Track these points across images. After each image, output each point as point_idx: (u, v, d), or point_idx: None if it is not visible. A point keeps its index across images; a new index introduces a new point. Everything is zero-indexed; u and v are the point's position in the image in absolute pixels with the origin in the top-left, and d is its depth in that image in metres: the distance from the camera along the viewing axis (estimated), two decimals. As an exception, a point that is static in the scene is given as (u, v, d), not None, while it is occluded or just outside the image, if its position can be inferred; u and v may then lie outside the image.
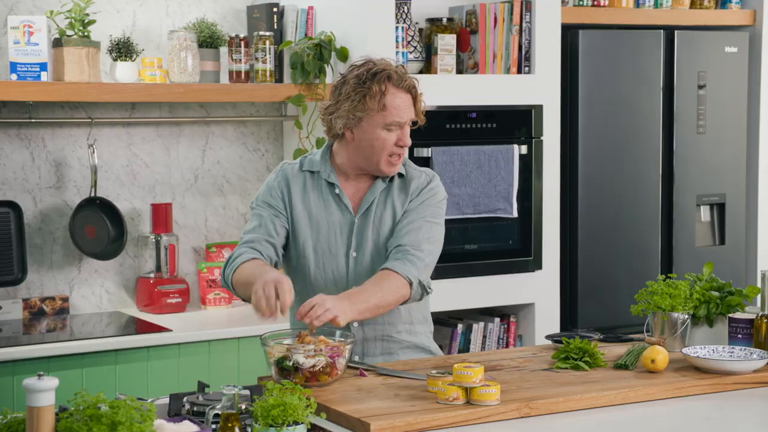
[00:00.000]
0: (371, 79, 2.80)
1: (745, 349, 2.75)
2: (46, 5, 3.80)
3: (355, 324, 2.86)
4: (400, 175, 2.92)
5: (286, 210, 2.90)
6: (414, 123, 2.87)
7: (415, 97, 2.84)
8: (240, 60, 3.92)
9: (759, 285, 2.85)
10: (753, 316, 2.82)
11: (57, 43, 3.64)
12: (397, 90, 2.80)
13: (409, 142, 2.84)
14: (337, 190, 2.89)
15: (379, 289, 2.71)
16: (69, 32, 3.66)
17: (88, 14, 3.69)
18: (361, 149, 2.85)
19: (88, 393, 1.94)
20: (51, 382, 1.92)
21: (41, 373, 1.94)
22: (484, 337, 4.18)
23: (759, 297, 2.85)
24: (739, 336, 2.82)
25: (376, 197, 2.89)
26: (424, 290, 2.82)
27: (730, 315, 2.87)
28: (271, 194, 2.91)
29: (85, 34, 3.67)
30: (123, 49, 3.79)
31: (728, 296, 2.93)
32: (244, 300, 2.80)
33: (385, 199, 2.91)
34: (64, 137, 3.91)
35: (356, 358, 2.86)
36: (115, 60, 3.80)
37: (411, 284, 2.76)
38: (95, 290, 3.97)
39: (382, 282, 2.73)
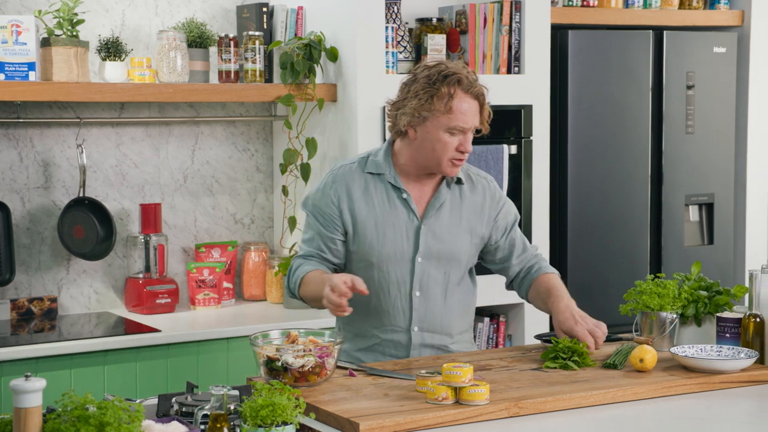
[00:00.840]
0: (441, 81, 2.80)
1: (732, 348, 2.76)
2: (34, 5, 3.79)
3: (416, 328, 2.91)
4: (459, 180, 2.94)
5: (341, 217, 2.89)
6: (478, 131, 2.88)
7: (482, 105, 2.83)
8: (229, 60, 3.92)
9: (747, 284, 2.86)
10: (741, 316, 2.83)
11: (45, 43, 3.63)
12: (465, 95, 2.80)
13: (470, 148, 2.84)
14: (404, 195, 2.89)
15: (565, 291, 2.97)
16: (57, 32, 3.66)
17: (76, 14, 3.69)
18: (423, 149, 2.85)
19: (75, 394, 1.94)
20: (38, 383, 1.91)
21: (28, 374, 1.93)
22: (474, 337, 4.17)
23: (747, 296, 2.86)
24: (727, 335, 2.83)
25: (442, 203, 2.91)
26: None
27: (718, 314, 2.88)
28: (326, 202, 2.90)
29: (74, 33, 3.66)
30: (112, 49, 3.78)
31: (716, 296, 2.94)
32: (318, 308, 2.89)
33: (459, 208, 2.93)
34: (52, 137, 3.90)
35: None
36: (104, 60, 3.79)
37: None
38: (84, 291, 3.96)
39: (561, 286, 2.98)
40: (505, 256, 3.01)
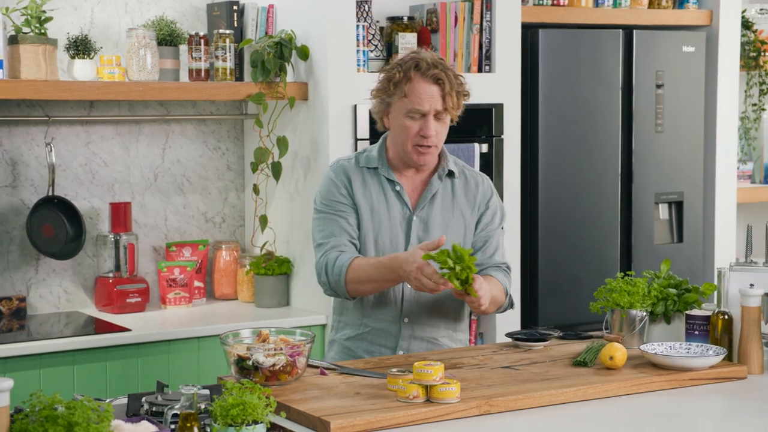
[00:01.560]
0: (399, 66, 2.86)
1: (701, 345, 2.78)
2: (1, 2, 3.76)
3: (406, 319, 2.91)
4: (451, 173, 2.95)
5: (354, 204, 2.92)
6: (456, 124, 2.91)
7: (444, 89, 2.83)
8: (200, 58, 3.90)
9: (715, 282, 2.88)
10: (709, 313, 2.85)
11: (13, 41, 3.59)
12: (421, 78, 2.82)
13: (431, 133, 2.84)
14: (397, 187, 2.92)
15: (493, 288, 2.84)
16: (25, 29, 3.62)
17: (44, 11, 3.66)
18: (394, 137, 2.91)
19: (44, 394, 1.92)
20: (5, 383, 1.90)
21: (-4, 373, 1.92)
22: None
23: (715, 294, 2.88)
24: (696, 332, 2.85)
25: (433, 195, 2.93)
26: (511, 304, 2.99)
27: (687, 312, 2.90)
28: (337, 190, 2.92)
29: (42, 31, 3.63)
30: (81, 47, 3.75)
31: (685, 293, 2.96)
32: (359, 295, 2.88)
33: (451, 201, 2.95)
34: (20, 136, 3.87)
35: (400, 353, 2.91)
36: (72, 58, 3.76)
37: (508, 296, 2.95)
38: (53, 290, 3.93)
39: (492, 284, 2.85)
40: (476, 249, 2.98)
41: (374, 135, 3.64)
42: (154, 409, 2.29)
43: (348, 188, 2.92)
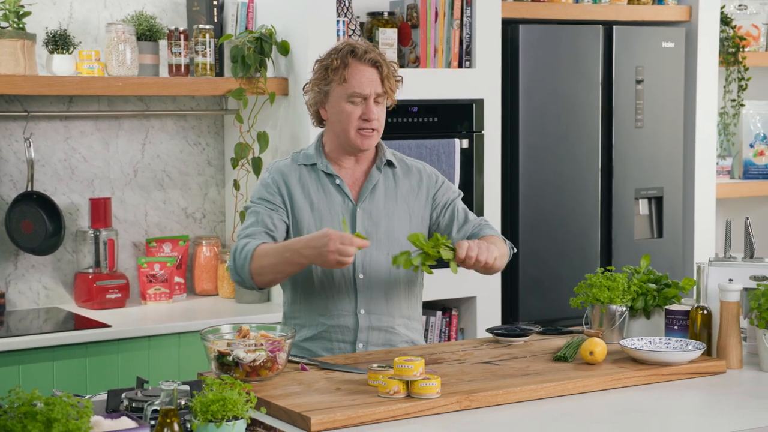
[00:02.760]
0: (335, 55, 2.88)
1: (681, 340, 2.79)
2: (-20, -4, 3.74)
3: (362, 311, 2.90)
4: (390, 163, 2.96)
5: (285, 204, 2.91)
6: (389, 106, 2.93)
7: (381, 73, 2.87)
8: (180, 53, 3.89)
9: (695, 277, 2.90)
10: (689, 308, 2.87)
11: (-9, 35, 3.57)
12: (359, 63, 2.86)
13: (374, 116, 2.86)
14: (337, 181, 2.92)
15: (495, 246, 2.83)
16: (3, 24, 3.60)
17: (23, 6, 3.63)
18: (334, 125, 2.90)
19: (23, 390, 1.91)
20: (-16, 379, 1.89)
21: (-26, 370, 1.91)
22: (426, 330, 4.19)
23: (695, 289, 2.90)
24: (676, 327, 2.87)
25: (374, 185, 2.94)
26: (512, 249, 3.02)
27: (666, 307, 2.91)
28: (267, 191, 2.92)
29: (20, 26, 3.61)
30: (59, 42, 3.73)
31: (665, 288, 2.97)
32: (265, 285, 2.84)
33: (394, 190, 2.95)
34: (-1, 131, 3.85)
35: (360, 346, 2.91)
36: (51, 53, 3.74)
37: (507, 243, 2.98)
38: (32, 286, 3.91)
39: (495, 242, 2.89)
40: (446, 226, 2.99)
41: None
42: (134, 405, 2.28)
43: (282, 188, 2.91)
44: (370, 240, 2.80)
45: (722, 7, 5.09)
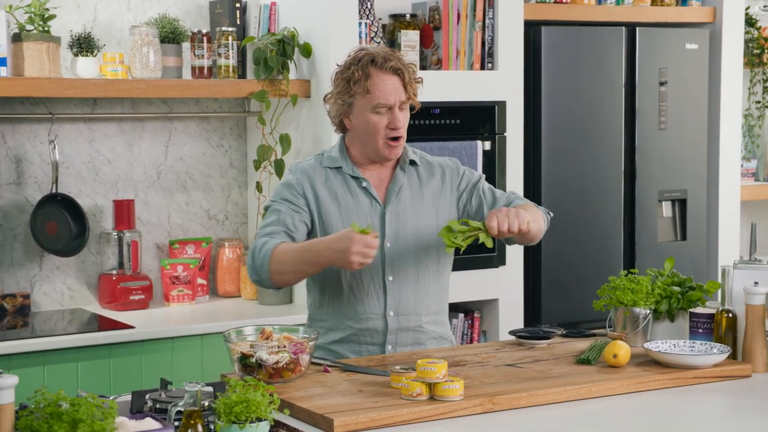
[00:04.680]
0: (356, 65, 2.85)
1: (705, 343, 2.77)
2: (5, 0, 3.76)
3: (391, 313, 2.90)
4: (413, 162, 2.96)
5: (308, 207, 2.90)
6: (412, 108, 2.91)
7: (404, 80, 2.85)
8: (203, 56, 3.90)
9: (719, 280, 2.88)
10: (713, 311, 2.85)
11: (16, 38, 3.60)
12: (381, 72, 2.83)
13: (400, 124, 2.85)
14: (364, 184, 2.91)
15: (530, 212, 2.83)
16: (29, 27, 3.63)
17: (48, 9, 3.66)
18: (359, 135, 2.89)
19: (48, 391, 1.93)
20: (10, 380, 1.90)
21: (0, 371, 1.92)
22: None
23: (719, 292, 2.88)
24: (700, 330, 2.85)
25: (400, 187, 2.93)
26: (548, 213, 3.02)
27: (691, 310, 2.90)
28: (290, 192, 2.90)
29: (45, 29, 3.63)
30: (84, 44, 3.75)
31: (689, 291, 2.95)
32: (283, 285, 2.84)
33: (419, 189, 2.95)
34: (24, 133, 3.87)
35: (389, 348, 2.91)
36: (75, 55, 3.76)
37: (541, 208, 2.98)
38: (57, 287, 3.94)
39: (527, 207, 2.89)
40: (476, 211, 2.97)
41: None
42: (157, 406, 2.29)
43: (307, 191, 2.89)
44: (394, 237, 2.82)
45: (747, 8, 5.06)
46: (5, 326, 3.64)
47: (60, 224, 3.81)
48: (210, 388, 2.32)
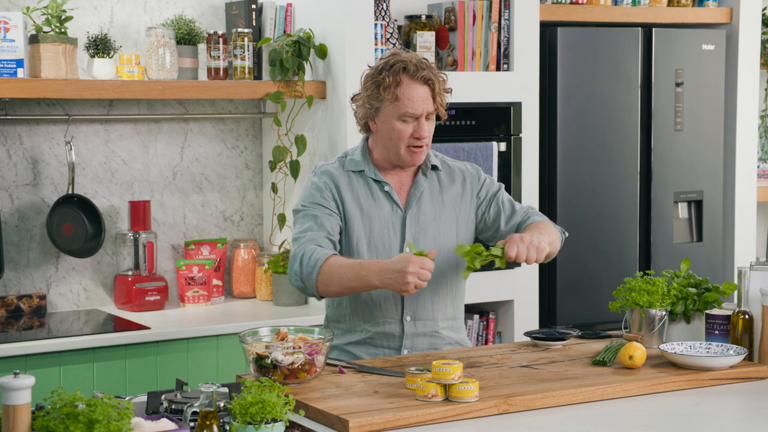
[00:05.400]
0: (387, 70, 2.83)
1: (721, 345, 2.76)
2: (22, 1, 3.78)
3: (408, 318, 2.90)
4: (435, 167, 2.96)
5: (338, 209, 2.90)
6: (438, 117, 2.90)
7: (433, 90, 2.83)
8: (218, 57, 3.91)
9: (736, 281, 2.87)
10: (730, 313, 2.84)
11: (33, 40, 3.61)
12: (411, 81, 2.81)
13: (425, 134, 2.85)
14: (386, 188, 2.91)
15: (546, 233, 2.86)
16: (45, 28, 3.64)
17: (65, 10, 3.67)
18: (383, 140, 2.88)
19: (65, 391, 1.93)
20: (27, 380, 1.91)
21: (17, 371, 1.93)
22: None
23: (735, 293, 2.87)
24: (716, 332, 2.84)
25: (422, 192, 2.93)
26: (563, 233, 3.03)
27: (707, 311, 2.89)
28: (322, 195, 2.89)
29: (62, 30, 3.65)
30: (100, 46, 3.77)
31: (705, 293, 2.94)
32: (327, 296, 2.84)
33: (439, 194, 2.95)
34: (40, 134, 3.89)
35: (405, 352, 2.91)
36: (92, 57, 3.78)
37: (557, 227, 2.98)
38: (73, 288, 3.95)
39: (544, 228, 2.89)
40: (494, 220, 2.99)
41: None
42: (173, 407, 2.30)
43: (335, 193, 2.89)
44: (414, 243, 2.83)
45: (764, 9, 5.04)
46: (21, 327, 3.66)
47: (76, 225, 3.82)
48: (225, 389, 2.32)
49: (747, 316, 2.80)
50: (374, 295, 2.89)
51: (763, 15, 5.01)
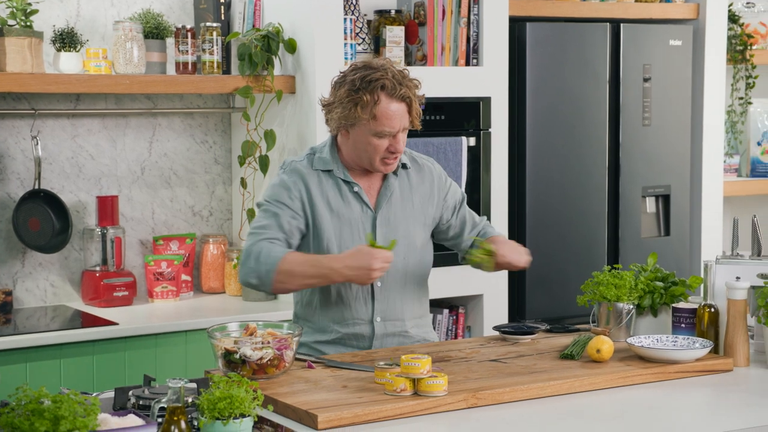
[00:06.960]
0: (364, 88, 2.78)
1: (688, 338, 2.79)
2: (-13, -5, 3.74)
3: (378, 318, 2.91)
4: (404, 165, 2.97)
5: (304, 211, 2.87)
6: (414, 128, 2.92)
7: (411, 105, 2.82)
8: (187, 51, 3.89)
9: (702, 275, 2.89)
10: (696, 306, 2.86)
11: (-1, 33, 3.58)
12: (390, 99, 2.79)
13: (401, 148, 2.85)
14: (356, 188, 2.90)
15: (509, 243, 3.02)
16: (11, 22, 3.61)
17: (30, 3, 3.64)
18: (356, 150, 2.87)
19: (30, 388, 1.92)
20: (-8, 377, 1.89)
21: (-18, 368, 1.91)
22: (433, 328, 4.18)
23: (702, 287, 2.89)
24: (683, 325, 2.86)
25: (392, 192, 2.93)
26: None
27: (673, 305, 2.91)
28: (289, 195, 2.87)
29: (28, 24, 3.62)
30: (67, 40, 3.74)
31: (672, 286, 2.97)
32: (282, 292, 2.87)
33: (409, 193, 2.96)
34: (6, 129, 3.85)
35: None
36: (58, 50, 3.75)
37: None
38: (40, 284, 3.92)
39: (506, 241, 3.05)
40: (458, 233, 3.06)
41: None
42: (141, 402, 2.29)
43: (303, 195, 2.87)
44: (384, 243, 2.83)
45: (730, 5, 5.08)
46: (-12, 323, 3.63)
47: (43, 220, 3.79)
48: (193, 385, 2.31)
49: (713, 310, 2.82)
50: (344, 295, 2.89)
51: (729, 11, 5.05)
